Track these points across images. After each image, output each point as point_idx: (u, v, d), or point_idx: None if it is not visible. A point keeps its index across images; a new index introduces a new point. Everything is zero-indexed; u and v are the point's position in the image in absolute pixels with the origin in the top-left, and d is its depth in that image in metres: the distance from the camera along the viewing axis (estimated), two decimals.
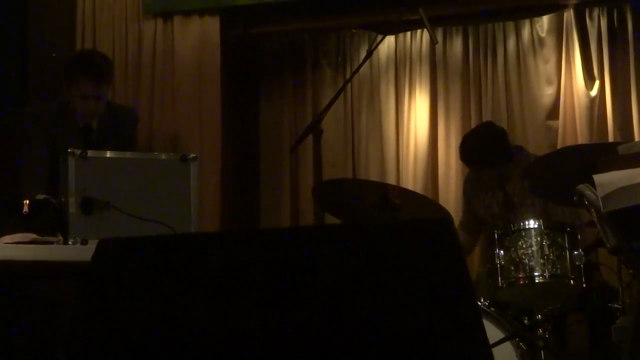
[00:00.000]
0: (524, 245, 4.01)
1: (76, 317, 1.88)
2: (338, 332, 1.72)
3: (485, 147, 4.71)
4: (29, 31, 5.79)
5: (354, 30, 6.20)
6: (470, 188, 5.00)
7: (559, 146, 5.55)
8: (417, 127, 5.97)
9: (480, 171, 4.81)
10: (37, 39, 5.79)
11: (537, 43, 5.84)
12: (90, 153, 3.40)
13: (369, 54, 4.34)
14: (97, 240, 1.93)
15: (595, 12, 5.69)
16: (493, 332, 3.81)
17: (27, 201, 3.41)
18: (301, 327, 1.74)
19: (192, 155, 3.56)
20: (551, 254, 3.97)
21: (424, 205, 4.27)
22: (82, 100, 4.36)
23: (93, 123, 4.48)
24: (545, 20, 5.84)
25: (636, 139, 5.39)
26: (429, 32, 4.45)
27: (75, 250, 3.21)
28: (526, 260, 3.99)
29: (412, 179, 5.91)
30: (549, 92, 5.79)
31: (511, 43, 5.89)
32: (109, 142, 4.40)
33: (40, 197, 3.85)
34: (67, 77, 4.42)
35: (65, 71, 4.48)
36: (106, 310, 1.85)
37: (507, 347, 3.87)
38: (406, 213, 3.93)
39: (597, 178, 2.83)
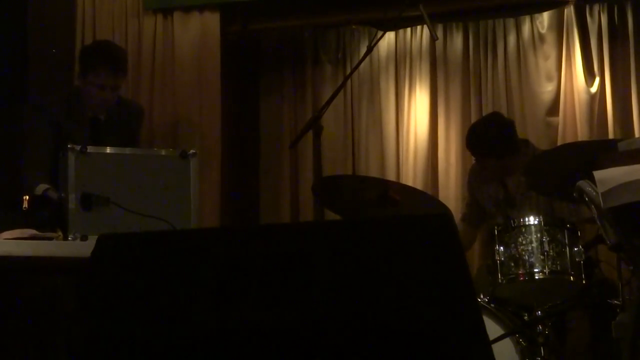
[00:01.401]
0: (523, 242, 4.01)
1: (76, 313, 1.88)
2: (337, 327, 1.72)
3: (493, 137, 4.67)
4: (28, 27, 5.79)
5: (354, 27, 6.20)
6: (475, 179, 4.99)
7: (559, 143, 5.55)
8: (417, 124, 5.97)
9: (484, 161, 4.79)
10: (36, 34, 5.79)
11: (538, 39, 5.83)
12: (90, 149, 3.39)
13: (369, 50, 4.33)
14: (96, 236, 1.93)
15: (596, 9, 5.68)
16: (493, 329, 3.81)
17: (27, 197, 3.41)
18: (301, 322, 1.73)
19: (192, 151, 3.56)
20: (551, 251, 3.97)
21: (423, 202, 4.26)
22: (99, 90, 4.35)
23: (101, 115, 4.47)
24: (545, 17, 5.83)
25: (636, 135, 5.39)
26: (429, 29, 4.46)
27: (74, 246, 3.20)
28: (526, 257, 3.98)
29: (412, 175, 5.91)
30: (549, 88, 5.78)
31: (511, 39, 5.88)
32: (116, 135, 4.39)
33: (44, 186, 3.85)
34: (84, 66, 4.41)
35: (82, 60, 4.47)
36: (106, 306, 1.85)
37: (507, 343, 3.87)
38: (406, 209, 3.92)
39: (597, 174, 2.83)
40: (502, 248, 4.04)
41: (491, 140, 4.67)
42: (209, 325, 1.77)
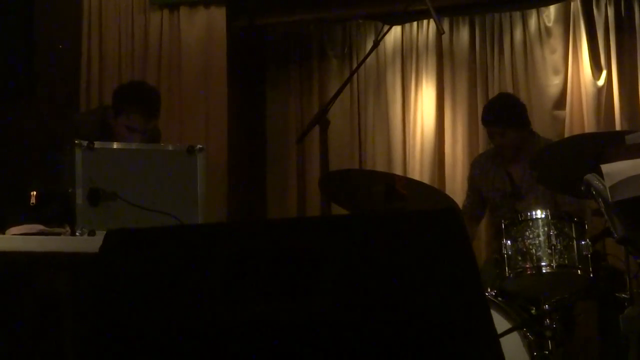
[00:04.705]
0: (531, 235, 4.01)
1: (83, 308, 1.89)
2: (344, 322, 1.72)
3: (502, 105, 4.87)
4: (35, 22, 5.79)
5: (360, 21, 6.20)
6: (479, 170, 4.98)
7: (566, 136, 5.54)
8: (423, 117, 5.97)
9: (492, 133, 4.80)
10: (43, 29, 5.79)
11: (544, 33, 5.83)
12: (97, 144, 3.39)
13: (376, 44, 4.33)
14: (104, 231, 1.93)
15: (602, 2, 5.68)
16: (500, 323, 3.81)
17: (34, 192, 3.41)
18: (308, 317, 1.74)
19: (199, 146, 3.55)
20: (558, 244, 3.96)
21: (430, 196, 4.26)
22: (128, 132, 4.27)
23: None
24: (552, 10, 5.83)
25: None
26: (436, 22, 4.43)
27: (82, 242, 3.20)
28: (533, 250, 3.98)
29: (418, 169, 5.91)
30: (555, 82, 5.78)
31: (518, 33, 5.88)
32: None
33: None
34: (116, 107, 4.31)
35: (115, 100, 4.38)
36: (114, 301, 1.85)
37: (515, 337, 3.87)
38: (413, 203, 3.92)
39: (605, 168, 2.82)
40: (509, 242, 4.03)
41: (499, 106, 4.84)
42: (217, 320, 1.77)
